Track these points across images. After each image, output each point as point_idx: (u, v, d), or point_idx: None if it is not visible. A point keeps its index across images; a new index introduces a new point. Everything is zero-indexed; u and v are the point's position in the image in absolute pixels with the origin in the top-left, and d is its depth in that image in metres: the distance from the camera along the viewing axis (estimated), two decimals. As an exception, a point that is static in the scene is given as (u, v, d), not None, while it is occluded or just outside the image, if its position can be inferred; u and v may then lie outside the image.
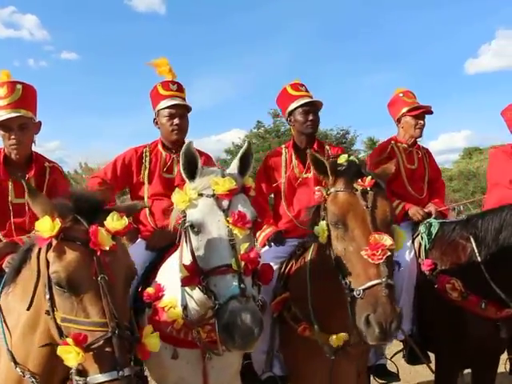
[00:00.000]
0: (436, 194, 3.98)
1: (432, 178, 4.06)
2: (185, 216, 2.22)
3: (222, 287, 2.01)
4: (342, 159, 2.48)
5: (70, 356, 1.59)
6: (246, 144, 2.35)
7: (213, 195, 2.16)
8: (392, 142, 4.01)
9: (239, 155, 2.33)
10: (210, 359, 2.48)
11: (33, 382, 1.96)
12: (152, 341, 1.88)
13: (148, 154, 3.33)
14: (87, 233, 1.74)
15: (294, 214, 3.40)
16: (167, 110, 3.24)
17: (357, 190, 2.32)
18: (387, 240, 2.14)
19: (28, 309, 1.80)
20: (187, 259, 2.19)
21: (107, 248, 1.74)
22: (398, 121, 4.06)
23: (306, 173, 3.45)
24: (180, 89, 3.33)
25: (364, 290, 2.13)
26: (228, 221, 2.09)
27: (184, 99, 3.31)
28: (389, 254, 2.13)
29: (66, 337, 1.67)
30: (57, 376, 2.01)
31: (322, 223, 2.38)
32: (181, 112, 3.26)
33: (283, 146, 3.67)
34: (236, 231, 2.08)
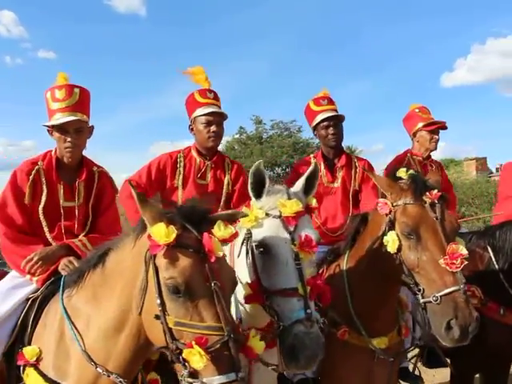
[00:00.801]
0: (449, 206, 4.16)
1: (444, 190, 4.23)
2: (249, 234, 2.23)
3: (287, 309, 2.06)
4: (402, 173, 2.62)
5: (195, 358, 1.64)
6: (313, 165, 2.40)
7: (279, 216, 2.19)
8: (408, 154, 4.20)
9: (306, 175, 2.38)
10: (255, 362, 2.56)
11: (120, 381, 2.01)
12: (257, 343, 1.96)
13: (182, 159, 3.43)
14: (197, 240, 1.80)
15: (321, 221, 3.53)
16: (205, 117, 3.34)
17: (425, 203, 2.47)
18: (463, 250, 2.33)
19: (157, 318, 1.78)
20: (247, 276, 2.22)
21: (220, 255, 1.81)
22: (414, 135, 4.25)
23: (333, 182, 3.59)
24: (216, 97, 3.44)
25: (441, 296, 2.29)
26: (295, 244, 2.14)
27: (220, 107, 3.41)
28: (466, 262, 2.31)
29: (177, 340, 1.72)
30: (132, 375, 2.09)
31: (392, 233, 2.49)
32: (218, 120, 3.37)
33: (312, 155, 3.83)
34: (302, 255, 2.14)
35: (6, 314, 2.42)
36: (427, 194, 2.50)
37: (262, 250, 2.17)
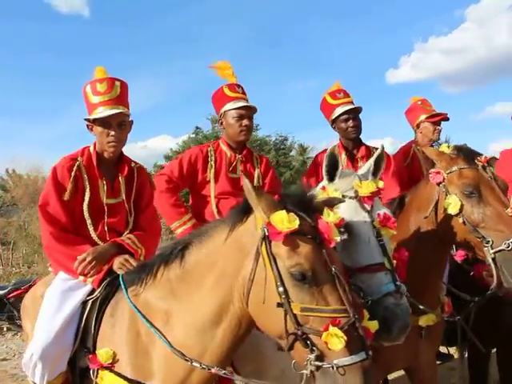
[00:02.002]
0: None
1: None
2: None
3: (374, 284, 2.13)
4: (444, 148, 2.81)
5: (335, 340, 1.65)
6: (380, 147, 2.48)
7: (355, 197, 2.26)
8: (413, 145, 4.37)
9: (374, 158, 2.46)
10: None
11: (225, 373, 2.01)
12: (371, 324, 1.98)
13: (213, 153, 3.44)
14: (312, 227, 1.82)
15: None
16: (236, 111, 3.37)
17: (478, 166, 2.69)
18: None
19: (279, 305, 1.76)
20: None
21: (338, 240, 1.85)
22: (417, 126, 4.43)
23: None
24: (244, 92, 3.48)
25: None
26: (374, 222, 2.22)
27: (248, 101, 3.45)
28: None
29: (302, 326, 1.72)
30: (226, 367, 2.08)
31: (452, 196, 2.64)
32: (249, 114, 3.41)
33: (334, 145, 3.85)
34: (383, 232, 2.22)
35: (68, 319, 2.35)
36: (478, 158, 2.71)
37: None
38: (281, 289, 1.75)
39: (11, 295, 8.87)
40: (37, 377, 2.30)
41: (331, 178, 2.36)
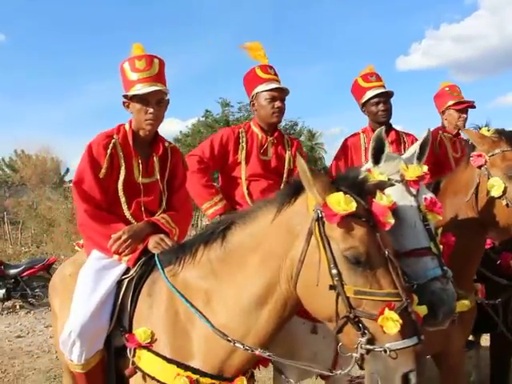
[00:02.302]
0: None
1: None
2: None
3: (420, 268, 2.10)
4: (485, 131, 2.79)
5: (390, 324, 1.64)
6: (426, 132, 2.45)
7: (401, 181, 2.23)
8: (440, 131, 4.33)
9: (420, 142, 2.42)
10: None
11: (269, 355, 2.02)
12: (420, 308, 1.96)
13: (244, 134, 3.41)
14: (366, 209, 1.80)
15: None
16: (269, 93, 3.33)
17: None
18: None
19: (331, 288, 1.74)
20: None
21: (392, 223, 1.82)
22: (443, 113, 4.38)
23: None
24: (276, 73, 3.43)
25: None
26: (421, 206, 2.19)
27: (280, 83, 3.41)
28: None
29: (354, 309, 1.70)
30: (267, 346, 2.07)
31: (495, 179, 2.61)
32: (282, 95, 3.37)
33: (360, 130, 3.83)
34: (430, 216, 2.20)
35: (104, 297, 2.32)
36: None
37: None
38: (334, 271, 1.73)
39: (25, 274, 8.96)
40: (74, 355, 2.29)
41: (377, 161, 2.32)
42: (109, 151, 2.59)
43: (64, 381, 3.19)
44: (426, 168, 2.35)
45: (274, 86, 3.33)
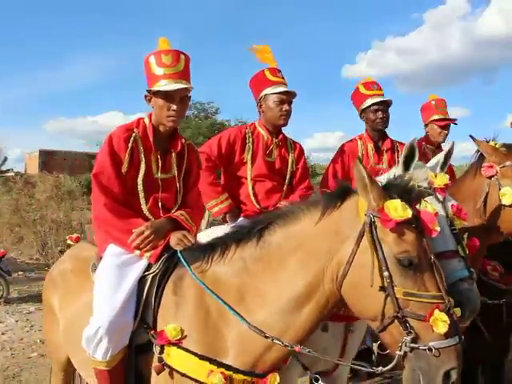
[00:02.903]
0: None
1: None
2: None
3: (448, 269, 2.22)
4: (492, 143, 2.98)
5: (440, 324, 1.74)
6: (451, 143, 2.61)
7: (429, 188, 2.37)
8: (423, 143, 4.54)
9: (444, 152, 2.58)
10: (352, 332, 2.72)
11: (309, 351, 2.06)
12: (455, 310, 1.98)
13: (250, 135, 3.45)
14: (415, 216, 1.87)
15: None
16: (278, 96, 3.38)
17: None
18: None
19: (381, 289, 1.83)
20: None
21: (439, 230, 1.92)
22: (426, 125, 4.61)
23: (379, 163, 3.80)
24: (283, 77, 3.48)
25: None
26: (448, 212, 2.34)
27: (287, 86, 3.47)
28: None
29: (402, 309, 1.78)
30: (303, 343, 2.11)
31: (508, 189, 2.80)
32: (289, 99, 3.42)
33: (357, 136, 3.92)
34: (457, 222, 2.36)
35: (129, 294, 2.28)
36: None
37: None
38: (386, 273, 1.81)
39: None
40: (99, 352, 2.24)
41: (406, 168, 2.43)
42: (130, 145, 2.55)
43: (53, 381, 3.13)
44: (447, 177, 2.51)
45: (282, 89, 3.39)
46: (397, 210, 1.83)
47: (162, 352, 2.14)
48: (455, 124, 4.62)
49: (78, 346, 2.45)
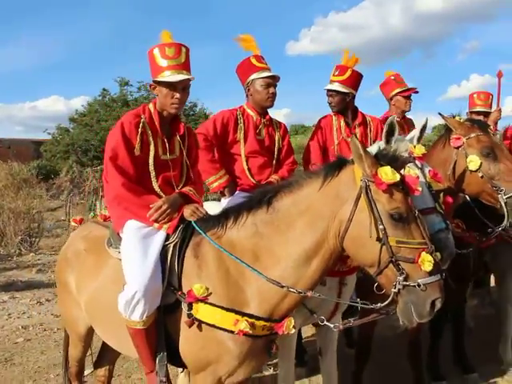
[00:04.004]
0: None
1: None
2: None
3: (429, 223, 2.61)
4: (457, 118, 3.55)
5: (427, 264, 2.15)
6: (425, 120, 3.08)
7: (410, 156, 2.84)
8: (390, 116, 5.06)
9: (420, 128, 3.05)
10: (345, 285, 3.15)
11: (320, 295, 2.45)
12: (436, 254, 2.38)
13: (241, 116, 3.84)
14: (401, 179, 2.28)
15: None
16: (264, 80, 3.78)
17: (489, 133, 3.45)
18: None
19: (378, 239, 2.20)
20: None
21: (421, 190, 2.36)
22: (391, 99, 5.09)
23: (349, 137, 4.27)
24: (267, 63, 3.88)
25: None
26: (426, 176, 2.82)
27: (271, 71, 3.87)
28: None
29: (395, 255, 2.18)
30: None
31: (474, 156, 3.37)
32: (275, 82, 3.84)
33: (332, 113, 4.31)
34: (433, 184, 2.85)
35: (156, 260, 2.57)
36: (490, 128, 3.49)
37: None
38: (381, 226, 2.21)
39: None
40: (137, 313, 2.51)
41: (387, 142, 2.89)
42: (139, 130, 2.83)
43: (72, 352, 3.42)
44: (424, 148, 3.02)
45: (268, 73, 3.79)
46: (387, 174, 2.23)
47: (190, 309, 2.44)
48: (417, 93, 5.15)
49: (106, 315, 2.82)
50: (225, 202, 3.72)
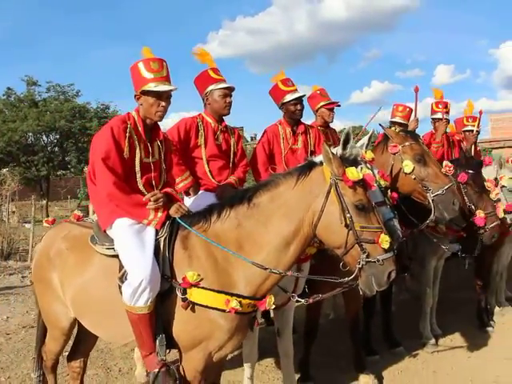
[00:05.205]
0: None
1: None
2: None
3: (382, 213, 3.20)
4: (393, 129, 4.25)
5: (385, 242, 2.63)
6: (372, 130, 3.72)
7: (364, 161, 3.34)
8: (317, 126, 5.63)
9: (368, 136, 3.63)
10: (302, 271, 3.55)
11: (298, 274, 3.00)
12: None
13: (201, 123, 4.20)
14: (362, 178, 2.76)
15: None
16: (221, 91, 4.18)
17: (421, 142, 4.16)
18: (447, 162, 4.25)
19: (346, 226, 2.66)
20: None
21: (376, 186, 2.90)
22: (316, 111, 5.68)
23: (295, 144, 4.75)
24: (222, 75, 4.29)
25: (445, 189, 3.95)
26: (376, 176, 3.38)
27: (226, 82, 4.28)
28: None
29: (359, 237, 2.65)
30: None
31: (407, 161, 4.03)
32: (230, 92, 4.25)
33: (277, 122, 4.82)
34: (382, 182, 3.46)
35: (152, 253, 2.85)
36: (420, 138, 4.21)
37: None
38: (348, 215, 2.69)
39: None
40: (143, 299, 2.77)
41: (344, 148, 3.40)
42: (127, 134, 3.10)
43: (51, 345, 3.54)
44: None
45: (225, 85, 4.21)
46: (353, 173, 2.73)
47: (185, 293, 2.76)
48: (339, 106, 5.79)
49: (94, 307, 3.06)
50: (189, 201, 4.07)
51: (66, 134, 24.95)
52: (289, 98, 4.73)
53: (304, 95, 4.89)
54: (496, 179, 5.42)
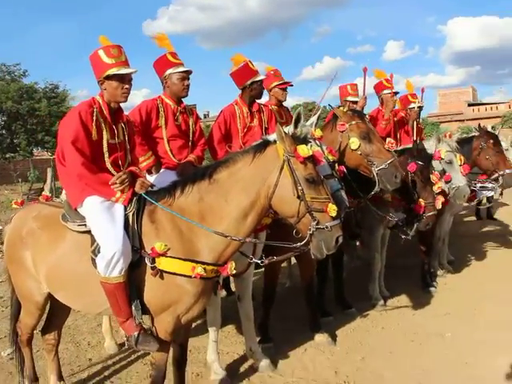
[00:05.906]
0: None
1: None
2: None
3: (329, 185, 3.45)
4: (342, 109, 4.52)
5: (333, 211, 2.93)
6: (319, 109, 3.95)
7: (313, 138, 3.65)
8: (270, 105, 5.90)
9: (317, 115, 3.88)
10: (259, 239, 3.83)
11: (255, 240, 3.33)
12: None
13: (161, 104, 4.39)
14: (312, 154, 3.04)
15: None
16: (180, 74, 4.37)
17: (367, 121, 4.48)
18: (389, 139, 4.59)
19: (298, 197, 2.93)
20: None
21: (324, 161, 3.21)
22: (270, 90, 5.93)
23: (252, 122, 5.01)
24: (180, 59, 4.47)
25: (388, 164, 4.31)
26: (324, 151, 3.70)
27: (185, 66, 4.48)
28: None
29: (309, 207, 2.93)
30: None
31: (354, 138, 4.37)
32: (188, 75, 4.45)
33: (233, 102, 5.03)
34: (330, 157, 3.77)
35: (122, 227, 3.06)
36: (365, 117, 4.53)
37: None
38: (300, 187, 2.98)
39: None
40: (117, 270, 2.97)
41: (295, 127, 3.69)
42: (94, 118, 3.29)
43: (27, 320, 3.71)
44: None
45: (183, 68, 4.40)
46: (304, 150, 3.01)
47: (153, 262, 3.00)
48: (292, 86, 6.08)
49: (69, 281, 3.27)
50: (152, 179, 4.27)
51: (13, 116, 24.25)
52: (251, 80, 4.98)
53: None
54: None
